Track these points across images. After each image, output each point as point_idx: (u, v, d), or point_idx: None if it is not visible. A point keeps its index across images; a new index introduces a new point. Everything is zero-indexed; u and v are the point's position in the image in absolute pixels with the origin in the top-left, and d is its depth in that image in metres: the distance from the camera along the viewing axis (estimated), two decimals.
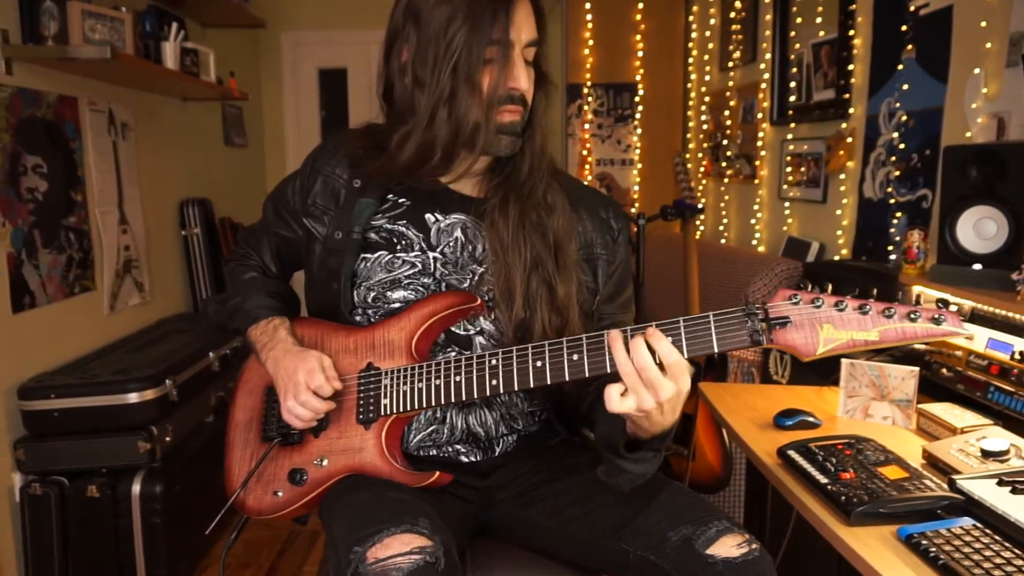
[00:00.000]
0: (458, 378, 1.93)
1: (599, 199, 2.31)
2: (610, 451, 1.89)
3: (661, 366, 1.67)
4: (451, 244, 2.13)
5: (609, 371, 1.76)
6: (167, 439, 3.81)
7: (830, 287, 1.68)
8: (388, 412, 2.02)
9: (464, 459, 2.18)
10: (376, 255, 2.12)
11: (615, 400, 1.69)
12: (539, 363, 1.84)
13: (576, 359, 1.80)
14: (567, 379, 1.81)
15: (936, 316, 1.59)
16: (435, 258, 2.12)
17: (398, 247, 2.12)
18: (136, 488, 3.67)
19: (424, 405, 1.98)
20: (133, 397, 3.68)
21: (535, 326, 2.03)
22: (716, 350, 1.70)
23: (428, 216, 2.13)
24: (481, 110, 1.94)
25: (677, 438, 4.23)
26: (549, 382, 1.83)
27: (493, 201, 2.08)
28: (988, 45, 3.22)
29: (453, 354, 2.10)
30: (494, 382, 1.89)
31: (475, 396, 1.93)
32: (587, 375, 1.80)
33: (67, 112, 4.11)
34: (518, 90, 1.96)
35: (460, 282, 2.12)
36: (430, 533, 1.74)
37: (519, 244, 2.05)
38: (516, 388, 1.87)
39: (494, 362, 1.89)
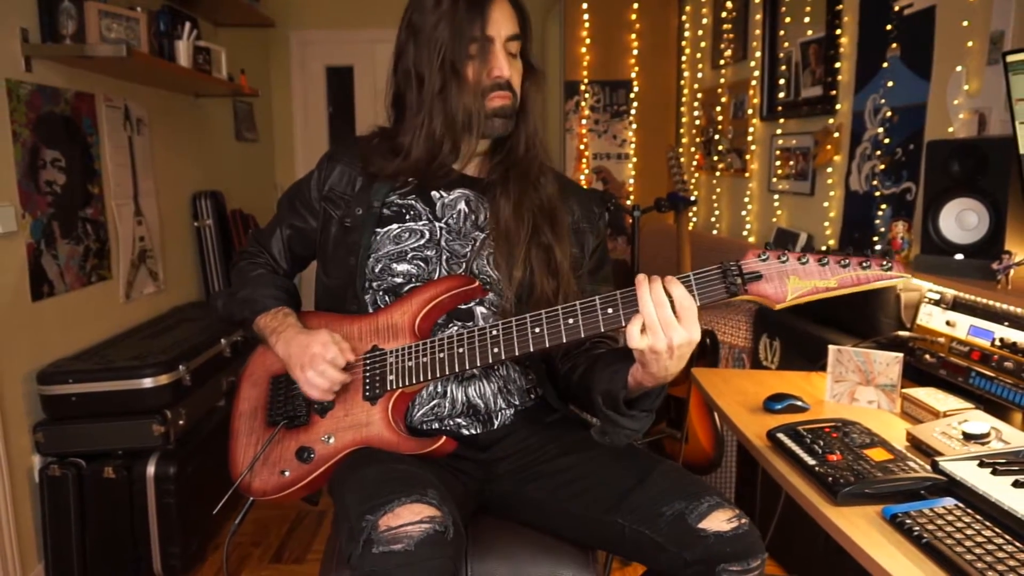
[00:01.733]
0: (460, 350, 1.98)
1: (580, 188, 2.52)
2: (610, 407, 1.94)
3: (675, 311, 1.76)
4: (455, 216, 2.23)
5: (603, 330, 1.85)
6: (180, 422, 3.81)
7: (791, 245, 1.77)
8: (394, 387, 2.05)
9: (465, 432, 2.19)
10: (387, 228, 2.20)
11: (635, 335, 1.77)
12: (537, 329, 1.89)
13: (572, 323, 1.87)
14: (564, 341, 1.87)
15: (884, 264, 1.71)
16: (440, 227, 2.21)
17: (407, 217, 2.21)
18: (151, 469, 3.67)
19: (429, 376, 2.02)
20: (148, 382, 3.68)
21: (536, 288, 2.13)
22: (698, 303, 1.79)
23: (434, 193, 2.23)
24: (471, 97, 2.10)
25: (671, 422, 4.24)
26: (548, 345, 1.89)
27: (494, 177, 2.23)
28: (969, 44, 3.22)
29: (454, 330, 2.13)
30: (495, 350, 1.94)
31: (478, 364, 1.97)
32: (583, 335, 1.86)
33: (84, 108, 4.10)
34: (502, 77, 2.11)
35: (462, 247, 2.20)
36: (439, 504, 1.77)
37: (521, 213, 2.16)
38: (517, 353, 1.92)
39: (495, 332, 1.95)
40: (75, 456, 3.67)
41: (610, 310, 1.84)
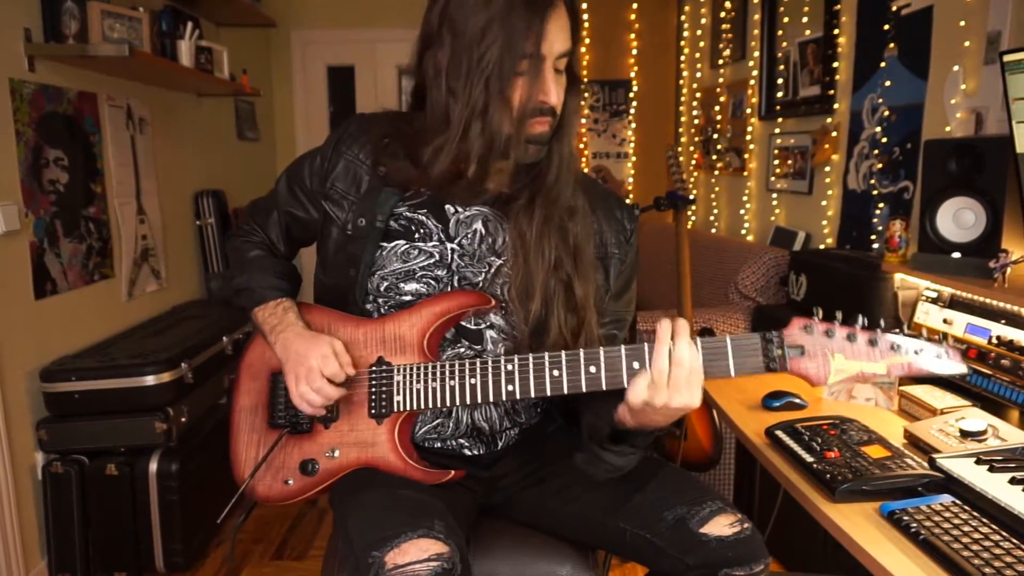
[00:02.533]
0: (473, 380, 1.89)
1: (613, 199, 2.22)
2: (594, 440, 1.92)
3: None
4: (469, 236, 2.04)
5: (626, 385, 1.76)
6: (183, 420, 3.82)
7: (839, 316, 1.69)
8: (401, 409, 1.96)
9: (467, 452, 2.14)
10: (393, 244, 2.03)
11: (639, 389, 1.72)
12: (556, 372, 1.81)
13: (593, 372, 1.79)
14: (584, 390, 1.80)
15: (939, 355, 1.62)
16: (452, 249, 2.03)
17: (416, 236, 2.03)
18: (153, 467, 3.67)
19: (438, 405, 1.94)
20: (150, 380, 3.67)
21: (551, 325, 1.96)
22: (732, 374, 1.71)
23: (448, 207, 2.04)
24: (512, 122, 1.85)
25: None
26: (566, 392, 1.81)
27: (520, 202, 1.99)
28: (967, 43, 3.22)
29: (463, 349, 2.05)
30: (510, 388, 1.85)
31: (490, 399, 1.89)
32: (604, 388, 1.79)
33: (87, 107, 4.10)
34: (547, 103, 1.86)
35: (475, 275, 2.04)
36: (445, 537, 1.72)
37: (542, 246, 1.96)
38: (532, 395, 1.84)
39: (510, 368, 1.85)
40: (78, 453, 3.67)
41: (636, 364, 1.76)
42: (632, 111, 7.07)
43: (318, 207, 2.14)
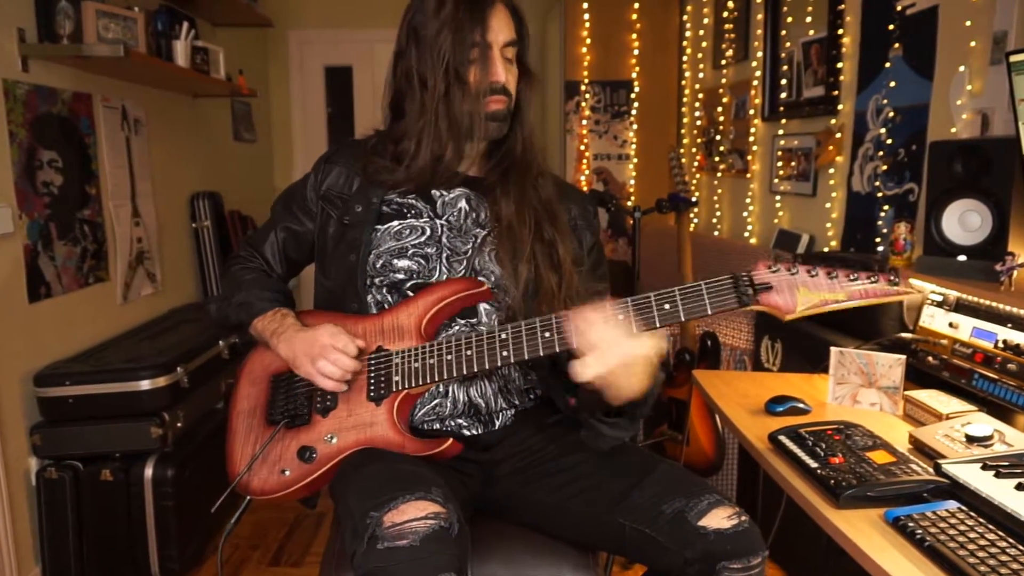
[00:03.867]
0: (468, 352, 2.00)
1: (576, 189, 2.55)
2: (590, 414, 2.01)
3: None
4: (455, 213, 2.25)
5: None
6: (178, 425, 3.82)
7: (799, 259, 1.85)
8: (400, 388, 2.06)
9: (466, 432, 2.21)
10: (387, 225, 2.22)
11: (579, 371, 1.82)
12: (547, 334, 1.92)
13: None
14: (574, 346, 1.88)
15: (892, 279, 1.79)
16: (441, 224, 2.23)
17: (408, 215, 2.24)
18: (148, 472, 3.68)
19: (436, 378, 2.03)
20: (145, 384, 3.68)
21: (541, 284, 2.16)
22: (709, 312, 1.84)
23: (434, 192, 2.26)
24: (471, 101, 2.14)
25: (672, 424, 4.24)
26: (557, 350, 1.92)
27: (492, 178, 2.28)
28: (972, 43, 3.22)
29: (457, 328, 2.18)
30: (504, 353, 1.96)
31: (486, 367, 1.98)
32: None
33: (81, 108, 4.10)
34: (499, 82, 2.15)
35: (463, 244, 2.22)
36: (443, 501, 1.79)
37: (522, 211, 2.21)
38: (526, 357, 1.95)
39: (503, 336, 1.97)
40: (72, 459, 3.67)
41: (621, 317, 1.85)
42: (633, 112, 7.06)
43: (314, 219, 2.34)
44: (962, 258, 2.82)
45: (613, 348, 1.80)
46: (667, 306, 1.84)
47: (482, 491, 2.21)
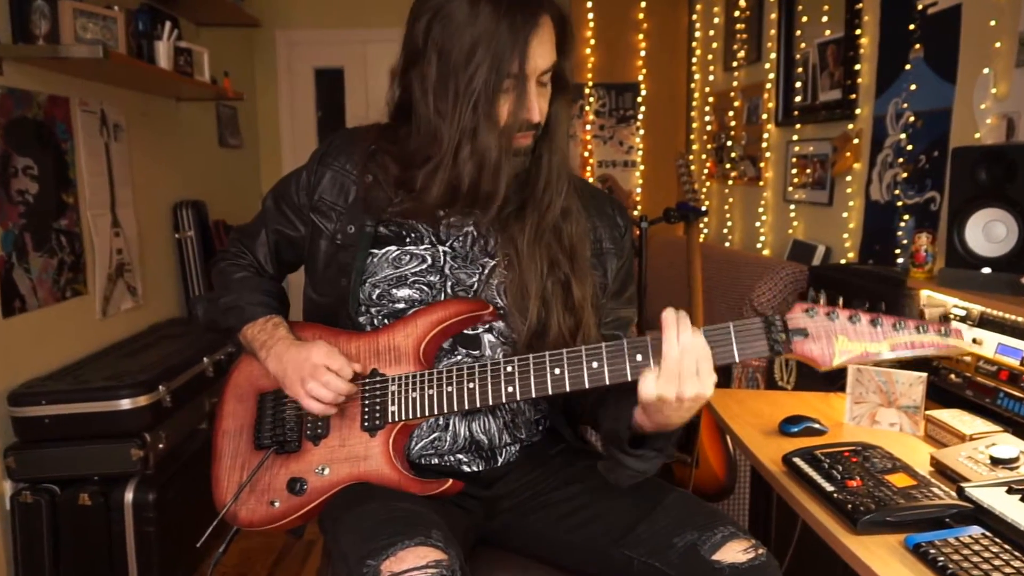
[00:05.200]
0: (471, 384, 1.94)
1: (604, 198, 2.34)
2: (614, 445, 1.92)
3: None
4: (461, 239, 2.13)
5: (629, 379, 1.81)
6: (160, 446, 3.81)
7: (841, 301, 1.77)
8: (396, 419, 2.00)
9: (466, 468, 2.16)
10: (384, 250, 2.12)
11: (649, 384, 1.74)
12: (557, 371, 1.86)
13: (596, 367, 1.84)
14: (587, 387, 1.84)
15: (942, 330, 1.68)
16: (444, 252, 2.12)
17: (407, 240, 2.12)
18: (129, 496, 3.67)
19: (435, 412, 1.98)
20: (126, 403, 3.67)
21: (551, 325, 2.04)
22: (737, 359, 1.78)
23: (439, 211, 2.12)
24: (499, 140, 1.93)
25: (680, 445, 4.23)
26: (568, 390, 1.86)
27: (510, 209, 2.08)
28: (997, 44, 3.23)
29: (459, 357, 2.11)
30: (510, 389, 1.90)
31: (489, 403, 1.93)
32: (607, 383, 1.83)
33: (58, 113, 4.11)
34: (531, 120, 1.96)
35: (469, 276, 2.11)
36: (444, 546, 1.74)
37: (534, 253, 2.05)
38: (533, 395, 1.89)
39: (509, 369, 1.90)
40: (49, 482, 3.66)
41: (639, 356, 1.82)
42: (640, 117, 7.07)
43: (306, 223, 2.21)
44: (986, 270, 2.82)
45: (694, 380, 1.74)
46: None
47: (484, 522, 2.17)
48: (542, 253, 2.06)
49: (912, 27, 3.83)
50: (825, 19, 4.71)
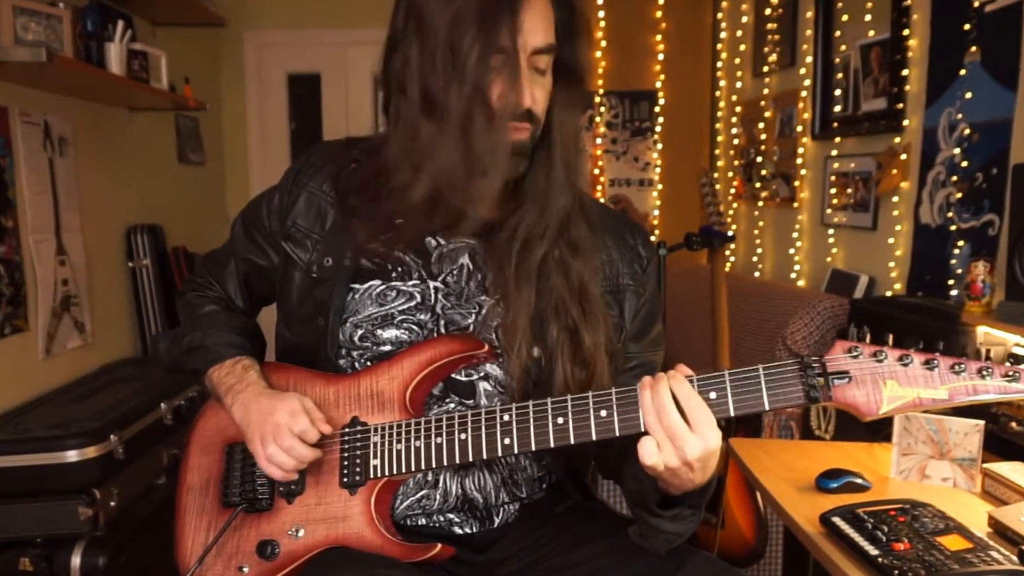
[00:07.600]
0: (463, 435, 1.89)
1: (624, 224, 2.29)
2: (642, 508, 1.88)
3: (685, 418, 1.68)
4: (455, 272, 2.09)
5: (642, 430, 1.75)
6: (112, 504, 3.80)
7: (891, 338, 1.71)
8: (378, 475, 1.97)
9: (458, 530, 2.13)
10: (367, 285, 2.07)
11: (648, 452, 1.69)
12: (560, 420, 1.81)
13: (605, 415, 1.79)
14: (594, 439, 1.80)
15: (1010, 373, 1.61)
16: (436, 288, 2.07)
17: (393, 275, 2.07)
18: (76, 560, 3.65)
19: (422, 467, 1.94)
20: (72, 455, 3.66)
21: (556, 380, 1.99)
22: (767, 408, 1.72)
23: (429, 240, 2.09)
24: (493, 130, 1.88)
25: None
26: (573, 442, 1.81)
27: (503, 234, 2.03)
28: None
29: (451, 405, 2.07)
30: (507, 441, 1.85)
31: (483, 456, 1.89)
32: (617, 434, 1.78)
33: None
34: (521, 106, 1.90)
35: (464, 317, 2.07)
36: None
37: (527, 284, 2.00)
38: (533, 448, 1.84)
39: (506, 418, 1.86)
40: None
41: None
42: (658, 129, 7.10)
43: (279, 251, 2.17)
44: None
45: (691, 438, 1.68)
46: (713, 395, 1.71)
47: None
48: (538, 287, 2.02)
49: (967, 27, 3.84)
50: (868, 18, 4.72)
